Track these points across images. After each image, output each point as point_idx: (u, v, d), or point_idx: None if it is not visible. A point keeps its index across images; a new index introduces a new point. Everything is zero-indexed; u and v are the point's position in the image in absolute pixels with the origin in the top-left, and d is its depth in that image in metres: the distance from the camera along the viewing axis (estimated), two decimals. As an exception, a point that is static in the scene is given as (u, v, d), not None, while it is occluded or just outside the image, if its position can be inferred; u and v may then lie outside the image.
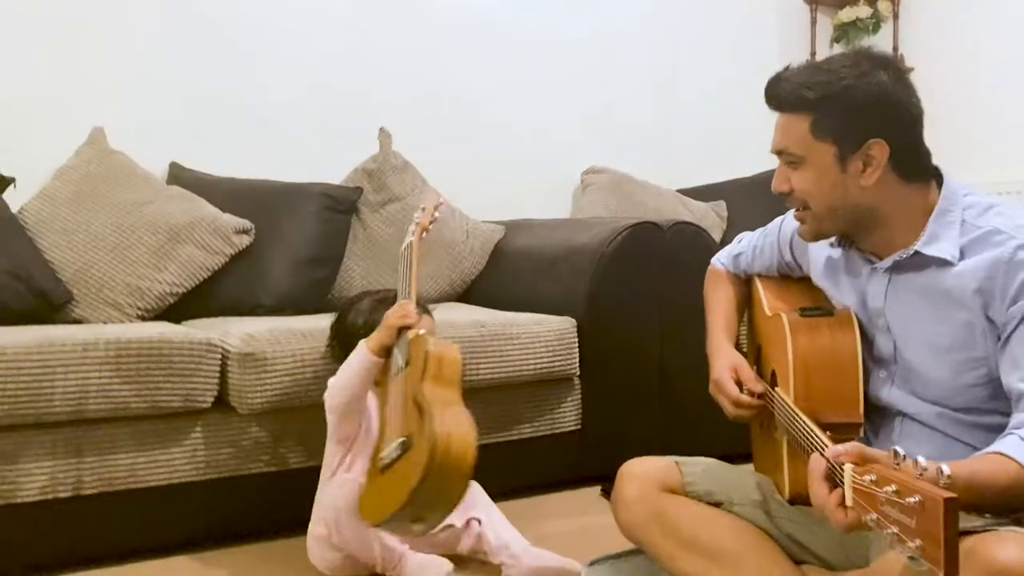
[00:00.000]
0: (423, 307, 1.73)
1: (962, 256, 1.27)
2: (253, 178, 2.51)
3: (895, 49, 3.74)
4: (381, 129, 2.68)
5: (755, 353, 1.65)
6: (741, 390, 1.51)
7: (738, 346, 1.63)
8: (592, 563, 1.66)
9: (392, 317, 1.62)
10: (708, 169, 3.33)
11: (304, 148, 2.72)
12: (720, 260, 1.74)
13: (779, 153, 1.35)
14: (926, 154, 1.31)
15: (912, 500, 0.87)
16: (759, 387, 1.50)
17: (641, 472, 1.57)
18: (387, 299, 1.71)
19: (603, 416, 2.21)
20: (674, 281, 2.22)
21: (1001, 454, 1.12)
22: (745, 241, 1.69)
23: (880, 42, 3.76)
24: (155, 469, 1.73)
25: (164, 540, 1.77)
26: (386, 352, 1.62)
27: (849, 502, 1.02)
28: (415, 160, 2.71)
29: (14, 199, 2.17)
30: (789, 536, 1.46)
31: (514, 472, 1.72)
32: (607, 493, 1.60)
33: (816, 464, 1.10)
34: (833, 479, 1.08)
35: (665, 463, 1.58)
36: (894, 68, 1.29)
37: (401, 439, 1.44)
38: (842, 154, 1.28)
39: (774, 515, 1.48)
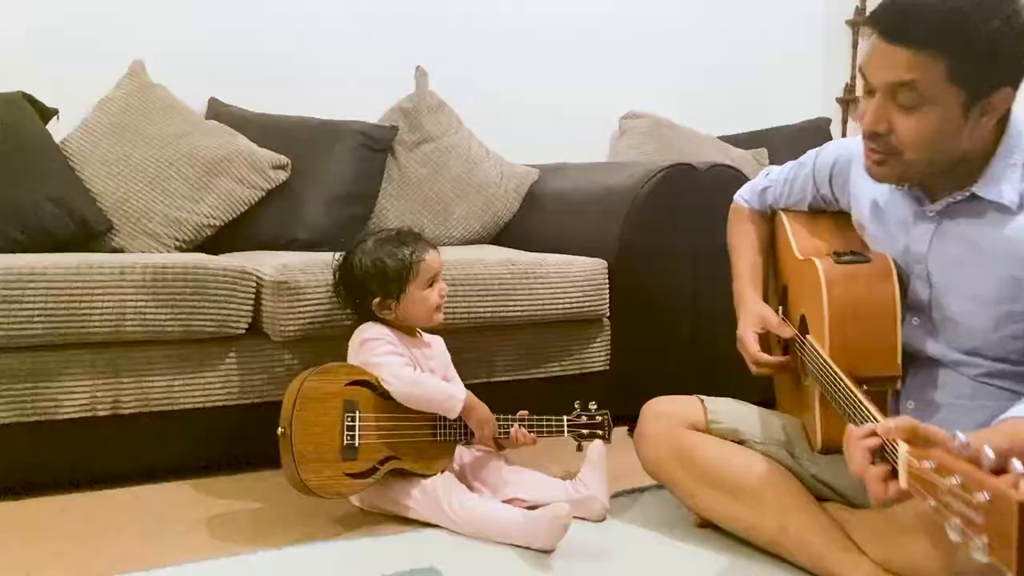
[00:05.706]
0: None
1: (1022, 204, 1.19)
2: (290, 115, 2.52)
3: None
4: (418, 68, 2.66)
5: (780, 293, 1.62)
6: (767, 341, 1.48)
7: (764, 285, 1.59)
8: (615, 495, 1.68)
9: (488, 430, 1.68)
10: (751, 116, 3.26)
11: (341, 86, 2.71)
12: (743, 197, 1.67)
13: (893, 86, 1.15)
14: None
15: (981, 497, 0.82)
16: (787, 333, 1.47)
17: (665, 410, 1.57)
18: (390, 237, 1.71)
19: (632, 357, 2.21)
20: (710, 225, 2.16)
21: None
22: (774, 174, 1.62)
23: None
24: (190, 392, 1.77)
25: (198, 461, 1.82)
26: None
27: (904, 485, 0.97)
28: (451, 101, 2.70)
29: (57, 131, 2.21)
30: (813, 476, 1.45)
31: (542, 410, 1.74)
32: (633, 433, 1.60)
33: (862, 437, 1.03)
34: (880, 454, 1.02)
35: (689, 400, 1.58)
36: None
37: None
38: (969, 102, 1.15)
39: (798, 456, 1.47)
